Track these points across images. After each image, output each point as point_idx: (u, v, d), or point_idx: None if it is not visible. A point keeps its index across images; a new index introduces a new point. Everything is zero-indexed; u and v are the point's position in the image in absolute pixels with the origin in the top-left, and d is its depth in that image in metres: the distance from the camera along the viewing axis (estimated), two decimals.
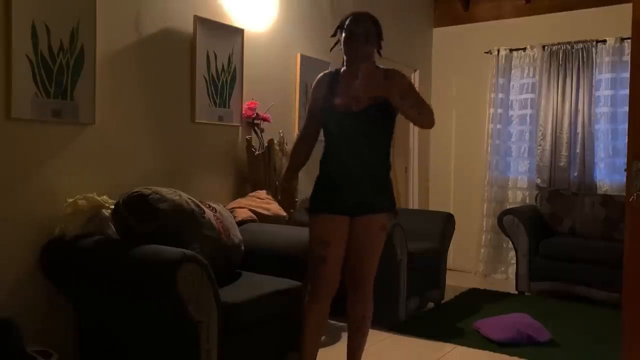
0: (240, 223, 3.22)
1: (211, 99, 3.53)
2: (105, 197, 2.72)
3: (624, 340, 2.38)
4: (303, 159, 2.71)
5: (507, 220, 4.81)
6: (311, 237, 2.53)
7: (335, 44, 2.59)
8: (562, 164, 5.18)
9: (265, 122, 3.80)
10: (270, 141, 3.71)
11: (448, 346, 3.40)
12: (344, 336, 3.34)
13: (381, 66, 2.51)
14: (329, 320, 3.48)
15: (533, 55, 5.36)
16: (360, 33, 2.45)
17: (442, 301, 4.34)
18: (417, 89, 2.58)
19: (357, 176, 2.47)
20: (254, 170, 3.68)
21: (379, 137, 2.52)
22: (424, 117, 2.46)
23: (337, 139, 2.50)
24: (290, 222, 3.63)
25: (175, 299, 2.18)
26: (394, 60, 5.49)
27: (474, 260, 5.60)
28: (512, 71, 5.50)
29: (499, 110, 5.50)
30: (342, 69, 2.57)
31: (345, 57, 2.53)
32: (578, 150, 5.10)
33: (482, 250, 5.54)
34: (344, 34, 2.49)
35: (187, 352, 2.27)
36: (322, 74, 2.64)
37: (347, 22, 2.49)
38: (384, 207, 2.54)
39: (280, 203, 3.54)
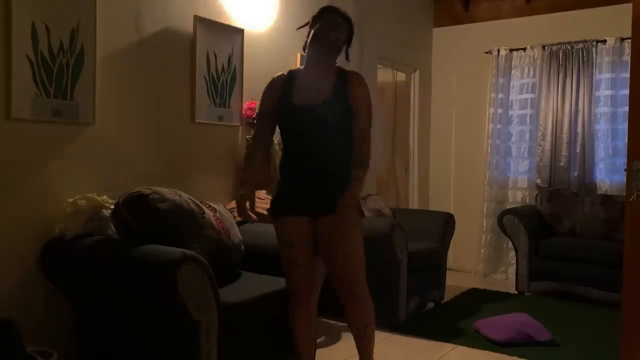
0: (240, 223, 3.21)
1: (211, 99, 3.53)
2: (105, 197, 2.72)
3: (623, 340, 2.38)
4: (264, 173, 2.59)
5: (507, 220, 4.81)
6: (278, 240, 2.50)
7: (303, 26, 2.52)
8: (562, 164, 5.18)
9: None
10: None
11: (448, 346, 3.40)
12: (344, 336, 3.36)
13: (338, 64, 2.48)
14: (328, 320, 3.51)
15: (533, 56, 5.36)
16: (332, 42, 2.42)
17: (442, 301, 4.34)
18: (417, 89, 2.57)
19: (317, 174, 2.41)
20: None
21: (339, 133, 2.42)
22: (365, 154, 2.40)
23: (297, 139, 2.43)
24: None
25: (175, 299, 2.18)
26: (394, 60, 5.52)
27: (474, 260, 5.60)
28: (512, 71, 5.50)
29: (499, 110, 5.50)
30: (297, 69, 2.52)
31: (307, 56, 2.48)
32: (578, 150, 5.10)
33: (482, 250, 5.54)
34: (312, 34, 2.44)
35: (187, 352, 2.27)
36: (275, 76, 2.53)
37: (321, 23, 2.43)
38: None
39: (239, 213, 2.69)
